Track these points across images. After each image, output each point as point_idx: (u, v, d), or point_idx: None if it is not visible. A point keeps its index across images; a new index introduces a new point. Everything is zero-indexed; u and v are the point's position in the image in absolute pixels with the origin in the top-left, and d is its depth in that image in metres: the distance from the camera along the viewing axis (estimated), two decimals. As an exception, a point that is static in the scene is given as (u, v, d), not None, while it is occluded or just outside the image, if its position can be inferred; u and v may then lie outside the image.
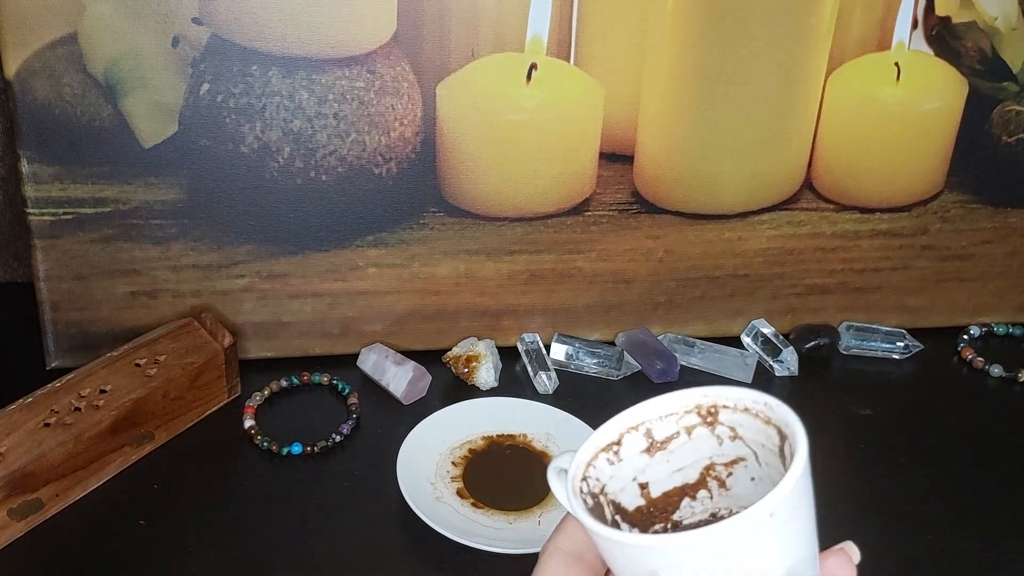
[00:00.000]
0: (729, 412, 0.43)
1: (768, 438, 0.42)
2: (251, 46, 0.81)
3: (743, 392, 0.42)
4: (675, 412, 0.43)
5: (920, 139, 0.94)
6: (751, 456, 0.43)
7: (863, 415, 0.92)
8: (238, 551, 0.74)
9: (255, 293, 0.90)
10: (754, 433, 0.43)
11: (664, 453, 0.43)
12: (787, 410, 0.41)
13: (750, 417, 0.42)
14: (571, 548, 0.43)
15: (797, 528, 0.39)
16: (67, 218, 0.84)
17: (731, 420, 0.43)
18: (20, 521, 0.74)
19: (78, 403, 0.78)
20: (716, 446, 0.43)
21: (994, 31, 0.90)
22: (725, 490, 0.44)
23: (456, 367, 0.92)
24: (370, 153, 0.86)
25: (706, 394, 0.43)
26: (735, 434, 0.43)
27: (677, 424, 0.43)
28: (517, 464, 0.83)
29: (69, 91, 0.81)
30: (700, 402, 0.43)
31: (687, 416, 0.43)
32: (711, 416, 0.43)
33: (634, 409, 0.43)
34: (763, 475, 0.43)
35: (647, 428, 0.43)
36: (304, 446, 0.83)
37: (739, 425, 0.43)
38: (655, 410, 0.43)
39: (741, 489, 0.44)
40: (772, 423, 0.42)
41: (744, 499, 0.44)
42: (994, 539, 0.79)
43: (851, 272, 0.99)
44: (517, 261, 0.93)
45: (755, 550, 0.38)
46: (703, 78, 0.88)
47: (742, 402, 0.42)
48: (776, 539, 0.38)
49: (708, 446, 0.43)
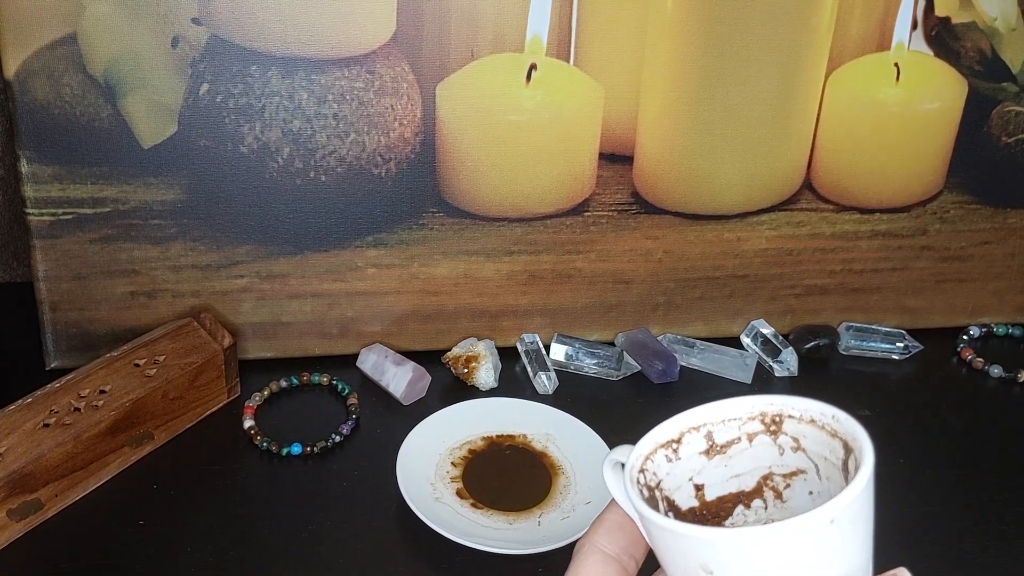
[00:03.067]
0: (794, 423, 0.42)
1: (832, 451, 0.41)
2: (250, 46, 0.81)
3: (810, 403, 0.42)
4: (738, 417, 0.43)
5: (919, 140, 0.94)
6: (812, 469, 0.42)
7: (861, 416, 0.91)
8: (238, 551, 0.74)
9: (254, 293, 0.90)
10: (818, 446, 0.42)
11: (723, 457, 0.43)
12: (855, 423, 0.41)
13: (815, 429, 0.42)
14: (609, 548, 0.42)
15: (854, 539, 0.38)
16: (66, 218, 0.84)
17: (796, 431, 0.42)
18: (20, 522, 0.74)
19: (77, 403, 0.78)
20: (777, 456, 0.43)
21: (993, 32, 0.90)
22: (781, 502, 0.43)
23: (456, 367, 0.92)
24: (369, 153, 0.86)
25: (772, 402, 0.42)
26: (798, 445, 0.42)
27: (739, 430, 0.43)
28: (517, 464, 0.83)
29: (68, 91, 0.81)
30: (765, 410, 0.42)
31: (750, 423, 0.43)
32: (775, 425, 0.42)
33: (697, 410, 0.43)
34: (822, 489, 0.42)
35: (708, 430, 0.43)
36: (304, 446, 0.83)
37: (803, 436, 0.42)
38: (718, 413, 0.43)
39: (797, 502, 0.43)
40: (839, 436, 0.41)
41: (800, 512, 0.43)
42: (994, 539, 0.79)
43: (850, 273, 0.99)
44: (516, 261, 0.93)
45: (810, 555, 0.37)
46: (703, 78, 0.88)
47: (808, 413, 0.42)
48: (832, 547, 0.37)
49: (769, 455, 0.43)
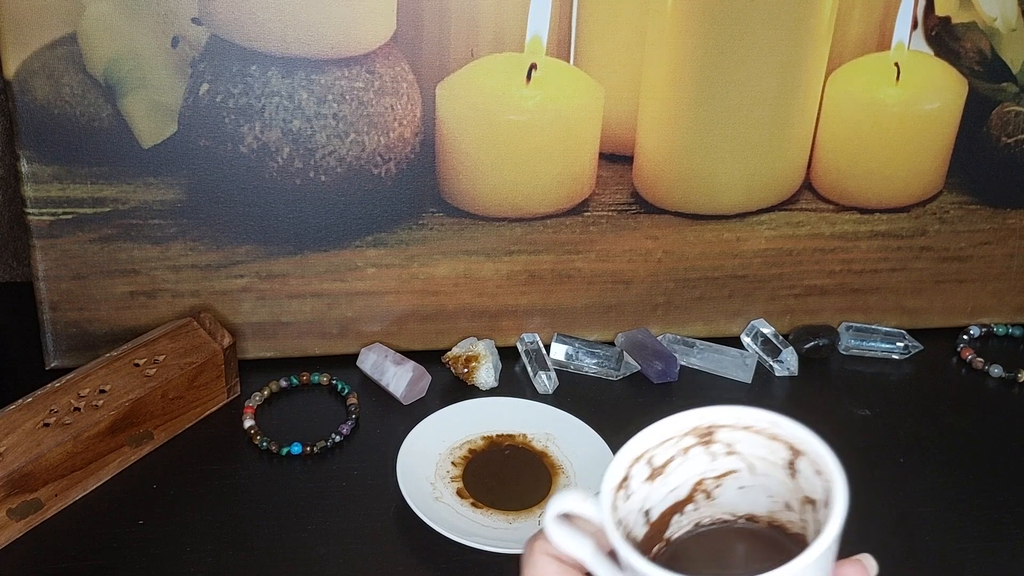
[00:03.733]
0: (728, 431, 0.43)
1: (772, 452, 0.42)
2: (250, 46, 0.81)
3: (745, 410, 0.42)
4: (674, 436, 0.43)
5: (919, 140, 0.94)
6: (745, 468, 0.43)
7: (861, 416, 0.92)
8: (237, 551, 0.74)
9: (254, 293, 0.90)
10: (754, 448, 0.43)
11: (662, 477, 0.43)
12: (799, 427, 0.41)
13: (751, 434, 0.42)
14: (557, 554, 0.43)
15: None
16: (66, 218, 0.84)
17: (729, 438, 0.43)
18: (19, 521, 0.74)
19: (77, 403, 0.78)
20: (709, 462, 0.43)
21: (993, 32, 0.90)
22: (710, 500, 0.44)
23: (456, 367, 0.92)
24: (369, 153, 0.86)
25: (704, 415, 0.43)
26: (732, 449, 0.43)
27: (675, 447, 0.43)
28: (517, 464, 0.83)
29: (68, 91, 0.81)
30: (698, 424, 0.43)
31: (685, 438, 0.43)
32: (708, 435, 0.43)
33: (636, 439, 0.43)
34: (754, 483, 0.43)
35: (649, 456, 0.43)
36: (304, 446, 0.83)
37: (738, 442, 0.43)
38: (656, 437, 0.43)
39: (726, 498, 0.44)
40: (779, 439, 0.42)
41: (727, 507, 0.44)
42: (994, 539, 0.79)
43: (850, 273, 0.99)
44: (516, 261, 0.93)
45: None
46: (702, 78, 0.88)
47: (743, 421, 0.42)
48: None
49: (701, 463, 0.43)
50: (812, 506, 0.41)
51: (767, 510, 0.44)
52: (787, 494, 0.42)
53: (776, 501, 0.43)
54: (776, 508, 0.43)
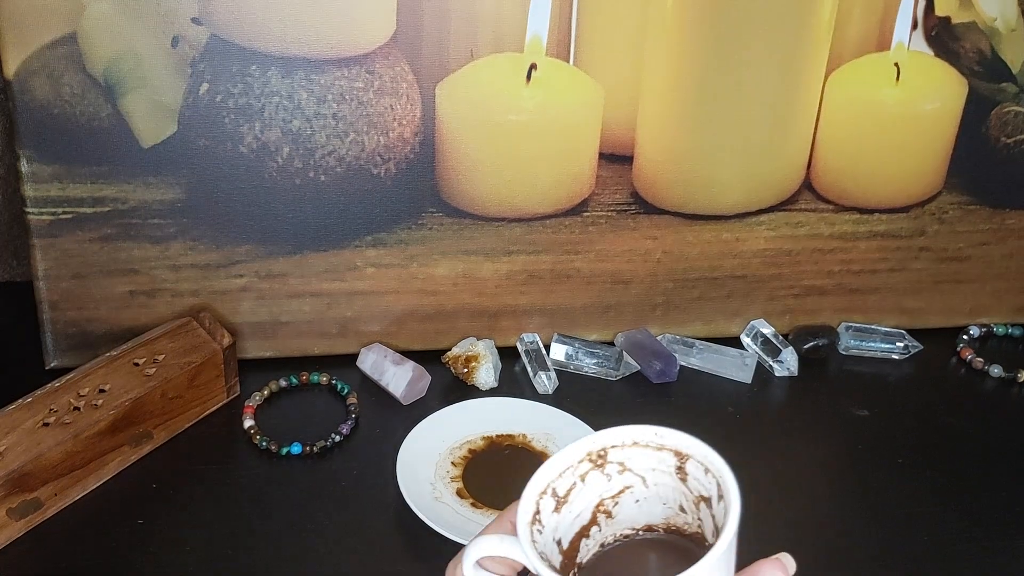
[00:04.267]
0: (618, 450, 0.45)
1: (660, 462, 0.44)
2: (250, 46, 0.81)
3: (631, 429, 0.45)
4: (571, 465, 0.45)
5: (919, 140, 0.94)
6: (638, 482, 0.45)
7: (861, 416, 0.92)
8: (237, 551, 0.74)
9: (254, 293, 0.90)
10: (643, 461, 0.45)
11: (567, 506, 0.45)
12: (678, 434, 0.44)
13: (639, 449, 0.45)
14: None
15: None
16: (66, 217, 0.84)
17: (619, 456, 0.45)
18: (19, 521, 0.74)
19: (77, 402, 0.77)
20: (605, 483, 0.45)
21: (993, 32, 0.90)
22: (611, 519, 0.46)
23: (455, 367, 0.92)
24: (369, 153, 0.86)
25: (595, 440, 0.45)
26: (624, 467, 0.45)
27: (574, 475, 0.45)
28: (516, 464, 0.83)
29: (68, 91, 0.81)
30: (590, 448, 0.45)
31: (581, 465, 0.45)
32: (600, 458, 0.45)
33: (538, 474, 0.45)
34: (649, 495, 0.45)
35: (552, 488, 0.45)
36: (303, 446, 0.83)
37: (628, 459, 0.45)
38: (555, 469, 0.45)
39: (625, 514, 0.46)
40: (665, 448, 0.44)
41: (626, 522, 0.46)
42: (994, 539, 0.79)
43: (849, 273, 0.99)
44: (515, 261, 0.93)
45: None
46: (702, 79, 0.88)
47: (630, 438, 0.45)
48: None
49: (598, 486, 0.45)
50: (706, 503, 0.43)
51: (663, 517, 0.46)
52: (680, 498, 0.45)
53: (670, 507, 0.45)
54: (670, 514, 0.45)
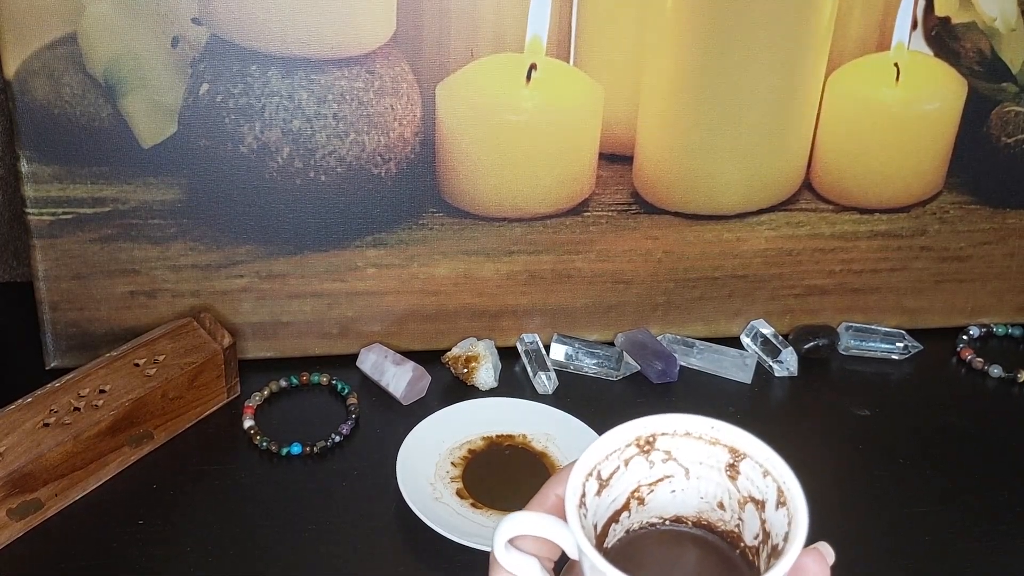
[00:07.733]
0: (668, 438, 0.44)
1: (710, 456, 0.44)
2: (250, 46, 0.81)
3: (686, 418, 0.44)
4: (617, 448, 0.44)
5: (919, 140, 0.94)
6: (681, 473, 0.44)
7: (861, 416, 0.92)
8: (237, 551, 0.74)
9: (254, 293, 0.90)
10: (692, 452, 0.44)
11: (608, 489, 0.44)
12: (742, 432, 0.43)
13: (691, 440, 0.44)
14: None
15: None
16: (66, 218, 0.84)
17: (668, 445, 0.44)
18: (19, 521, 0.74)
19: (77, 403, 0.78)
20: (647, 470, 0.45)
21: (993, 32, 0.90)
22: (642, 506, 0.45)
23: (456, 367, 0.92)
24: (369, 153, 0.86)
25: (646, 425, 0.44)
26: (669, 456, 0.44)
27: (619, 459, 0.44)
28: (516, 464, 0.83)
29: (68, 91, 0.81)
30: (640, 433, 0.44)
31: (628, 449, 0.44)
32: (648, 444, 0.44)
33: (586, 454, 0.44)
34: (688, 487, 0.44)
35: (598, 470, 0.44)
36: (303, 446, 0.83)
37: (676, 448, 0.44)
38: (602, 450, 0.44)
39: (656, 503, 0.45)
40: (720, 443, 0.43)
41: (656, 511, 0.45)
42: (994, 539, 0.79)
43: (849, 273, 0.99)
44: (516, 261, 0.93)
45: None
46: (702, 78, 0.88)
47: (683, 427, 0.44)
48: None
49: (639, 472, 0.45)
50: (757, 505, 0.43)
51: (696, 510, 0.45)
52: (722, 495, 0.44)
53: (707, 502, 0.45)
54: (706, 508, 0.45)
